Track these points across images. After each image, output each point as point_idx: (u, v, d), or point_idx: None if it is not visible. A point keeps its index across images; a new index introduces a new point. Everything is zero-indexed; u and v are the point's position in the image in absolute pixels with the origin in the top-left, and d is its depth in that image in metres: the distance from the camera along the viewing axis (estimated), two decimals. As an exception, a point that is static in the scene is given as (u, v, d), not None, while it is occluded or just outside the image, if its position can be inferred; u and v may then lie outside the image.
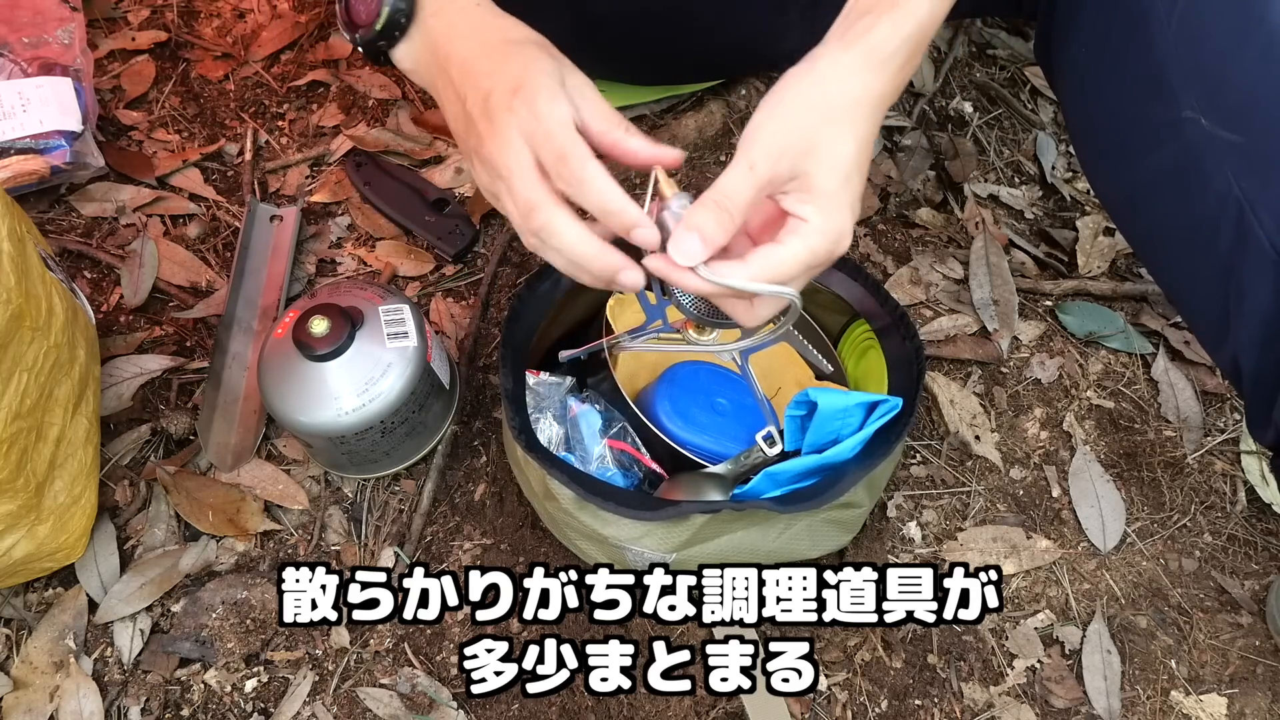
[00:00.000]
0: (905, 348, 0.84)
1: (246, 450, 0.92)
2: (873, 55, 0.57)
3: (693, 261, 0.56)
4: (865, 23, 0.57)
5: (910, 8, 0.57)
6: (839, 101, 0.56)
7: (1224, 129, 0.63)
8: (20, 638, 0.84)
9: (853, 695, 0.84)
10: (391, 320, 0.83)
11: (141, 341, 0.99)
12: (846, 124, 0.56)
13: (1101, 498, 0.94)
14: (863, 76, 0.57)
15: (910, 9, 0.57)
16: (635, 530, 0.75)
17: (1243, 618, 0.89)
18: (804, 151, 0.56)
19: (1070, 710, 0.84)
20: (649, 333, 0.80)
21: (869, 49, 0.57)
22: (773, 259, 0.57)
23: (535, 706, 0.82)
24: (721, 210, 0.56)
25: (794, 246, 0.56)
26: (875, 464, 0.76)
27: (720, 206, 0.56)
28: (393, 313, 0.84)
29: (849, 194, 0.57)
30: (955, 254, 1.10)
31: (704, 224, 0.56)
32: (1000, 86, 1.26)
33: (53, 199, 1.07)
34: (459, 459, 0.94)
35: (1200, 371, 1.02)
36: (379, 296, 0.85)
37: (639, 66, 1.10)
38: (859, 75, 0.57)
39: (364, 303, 0.84)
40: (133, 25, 1.23)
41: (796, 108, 0.56)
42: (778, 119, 0.56)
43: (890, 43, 0.57)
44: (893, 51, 0.57)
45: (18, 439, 0.72)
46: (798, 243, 0.56)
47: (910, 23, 0.57)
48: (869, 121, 0.58)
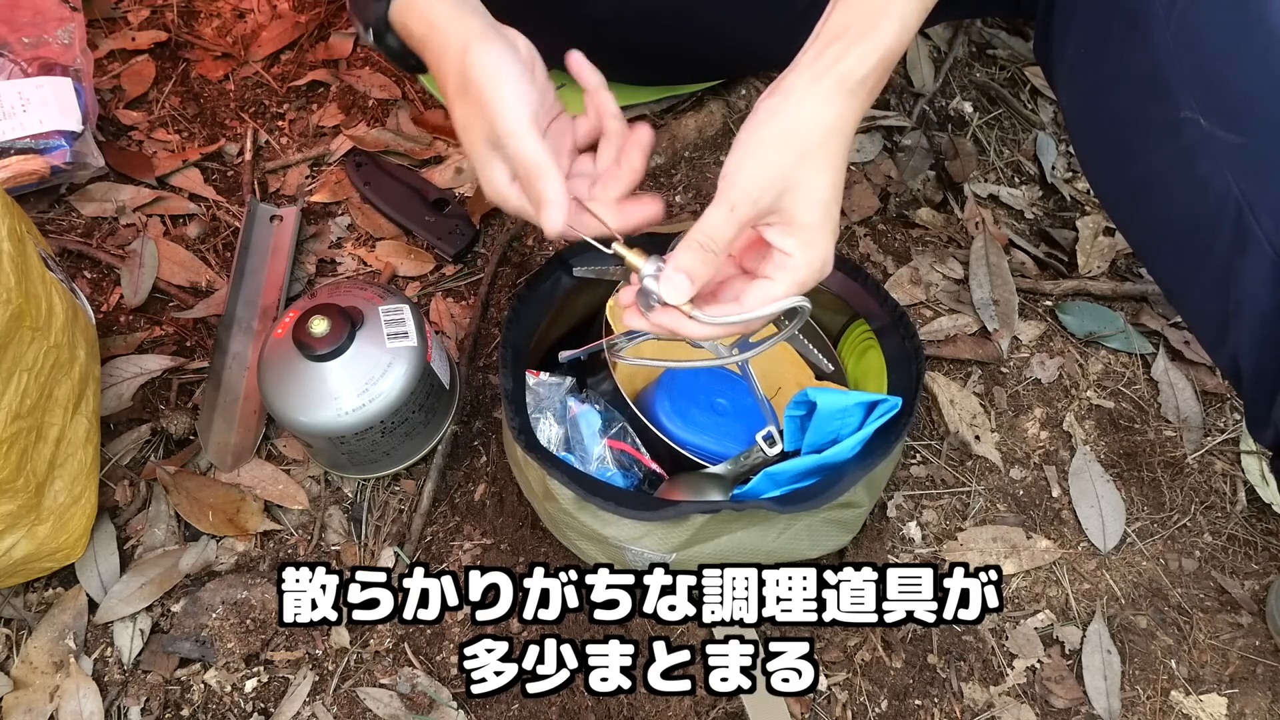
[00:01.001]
0: (905, 347, 0.84)
1: (246, 450, 0.93)
2: (843, 85, 0.58)
3: (681, 300, 0.59)
4: (835, 51, 0.58)
5: (878, 37, 0.58)
6: (814, 134, 0.58)
7: (1223, 129, 0.63)
8: (20, 638, 0.84)
9: (853, 695, 0.84)
10: (391, 320, 0.83)
11: (141, 341, 0.99)
12: (824, 155, 0.58)
13: (1101, 498, 0.94)
14: (836, 107, 0.58)
15: (878, 39, 0.58)
16: (635, 530, 0.75)
17: (1243, 618, 0.89)
18: (783, 189, 0.58)
19: (1070, 710, 0.84)
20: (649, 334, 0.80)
21: (839, 79, 0.58)
22: (766, 296, 0.60)
23: (535, 706, 0.82)
24: (705, 251, 0.59)
25: (783, 282, 0.60)
26: (875, 464, 0.76)
27: (704, 247, 0.59)
28: (393, 313, 0.84)
29: (829, 223, 0.59)
30: (955, 254, 1.10)
31: (689, 265, 0.59)
32: (1000, 86, 1.26)
33: (53, 199, 1.08)
34: (459, 459, 0.94)
35: (1200, 371, 1.02)
36: (379, 296, 0.85)
37: (639, 67, 1.10)
38: (832, 106, 0.58)
39: (364, 303, 0.84)
40: (133, 25, 1.23)
41: (773, 145, 0.58)
42: (756, 158, 0.58)
43: (859, 71, 0.58)
44: (862, 79, 0.58)
45: (18, 439, 0.72)
46: (785, 277, 0.60)
47: (879, 51, 0.58)
48: (843, 149, 0.59)
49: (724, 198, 0.58)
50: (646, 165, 0.66)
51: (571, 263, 0.85)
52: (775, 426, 0.81)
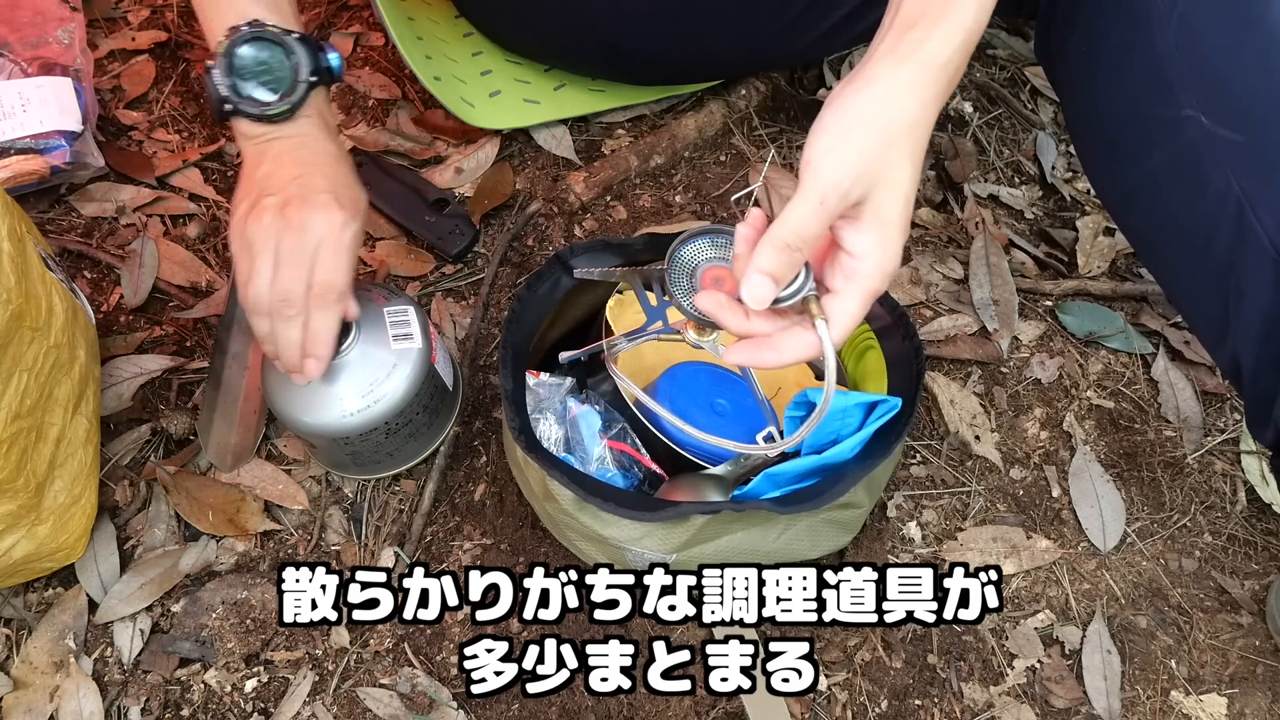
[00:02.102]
0: (905, 347, 0.84)
1: (246, 450, 0.92)
2: (927, 71, 0.55)
3: (763, 306, 0.55)
4: (915, 35, 0.55)
5: (958, 17, 0.55)
6: (900, 123, 0.54)
7: (1224, 128, 0.63)
8: (20, 638, 0.84)
9: (853, 695, 0.84)
10: (396, 322, 0.83)
11: (141, 341, 0.99)
12: (908, 145, 0.55)
13: (1101, 498, 0.94)
14: (919, 94, 0.55)
15: (958, 18, 0.55)
16: (635, 531, 0.75)
17: (1243, 618, 0.89)
18: (871, 180, 0.54)
19: (1070, 710, 0.84)
20: (649, 334, 0.80)
21: (923, 64, 0.55)
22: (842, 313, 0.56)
23: (535, 706, 0.82)
24: (793, 251, 0.55)
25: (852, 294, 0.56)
26: (875, 464, 0.76)
27: (790, 247, 0.54)
28: (398, 314, 0.83)
29: (906, 221, 0.56)
30: (955, 254, 1.10)
31: (774, 267, 0.55)
32: (1000, 86, 1.26)
33: (53, 199, 1.08)
34: (459, 459, 0.94)
35: (1200, 371, 1.02)
36: (383, 298, 0.85)
37: (639, 66, 1.10)
38: (915, 94, 0.55)
39: (368, 303, 0.84)
40: (133, 25, 1.23)
41: (862, 132, 0.54)
42: (845, 145, 0.54)
43: (942, 55, 0.55)
44: (945, 63, 0.55)
45: (18, 439, 0.72)
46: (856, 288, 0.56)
47: (961, 33, 0.55)
48: (925, 139, 0.56)
49: (811, 190, 0.53)
50: None
51: (571, 263, 0.85)
52: (775, 427, 0.81)
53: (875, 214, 0.55)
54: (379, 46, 1.23)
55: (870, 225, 0.55)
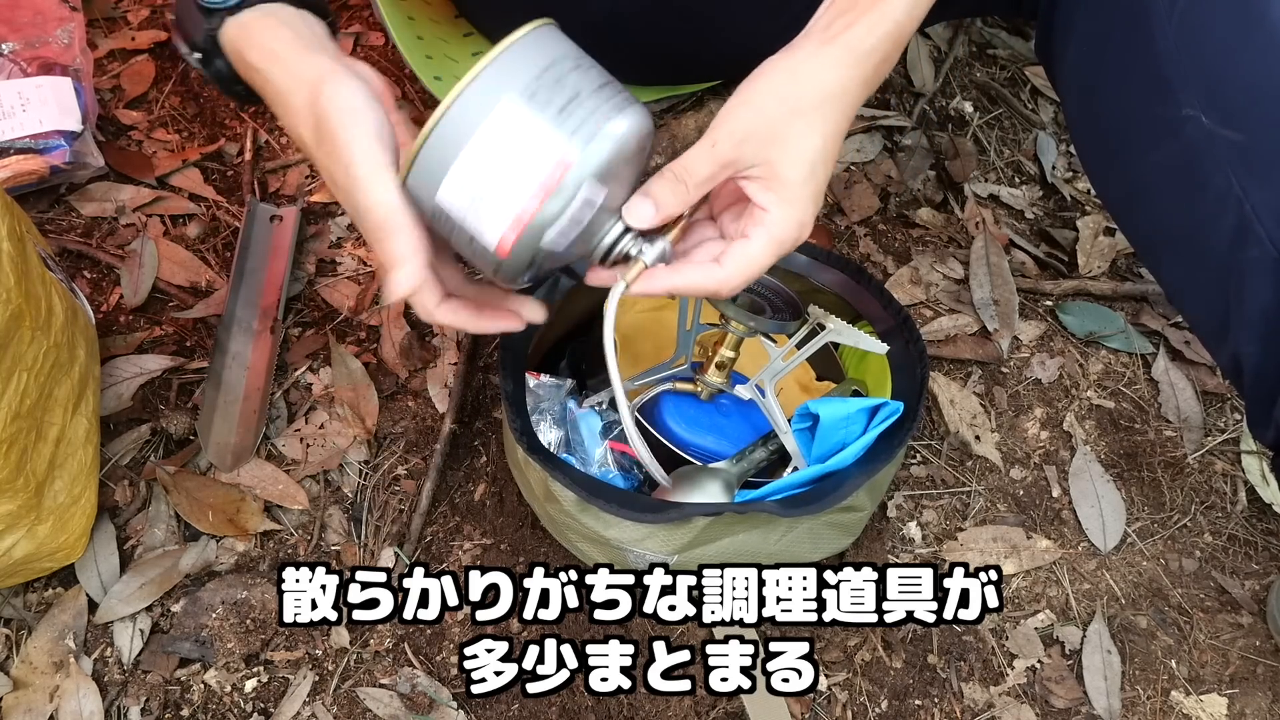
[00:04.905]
0: (908, 351, 0.84)
1: (246, 450, 0.92)
2: (850, 52, 0.58)
3: (644, 225, 0.60)
4: (844, 21, 0.59)
5: (887, 9, 0.59)
6: (812, 94, 0.58)
7: (1224, 127, 0.63)
8: (20, 638, 0.84)
9: (853, 695, 0.84)
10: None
11: (141, 341, 0.99)
12: (817, 117, 0.58)
13: (1102, 498, 0.94)
14: (838, 71, 0.59)
15: (887, 11, 0.59)
16: (638, 533, 0.75)
17: (1243, 618, 0.89)
18: (769, 139, 0.58)
19: (1070, 710, 0.84)
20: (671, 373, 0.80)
21: (846, 45, 0.58)
22: (744, 254, 0.60)
23: (535, 706, 0.82)
24: (679, 183, 0.59)
25: (760, 239, 0.59)
26: (878, 469, 0.76)
27: (678, 179, 0.59)
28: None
29: (813, 186, 0.59)
30: (955, 254, 1.10)
31: (659, 193, 0.59)
32: (1000, 86, 1.26)
33: (53, 199, 1.07)
34: (459, 459, 0.94)
35: (1200, 371, 1.02)
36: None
37: (639, 67, 1.10)
38: (835, 70, 0.59)
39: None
40: (133, 25, 1.23)
41: (768, 97, 0.58)
42: (748, 105, 0.58)
43: (866, 40, 0.58)
44: (869, 49, 0.59)
45: (18, 439, 0.72)
46: (763, 234, 0.59)
47: (887, 23, 0.59)
48: (841, 116, 0.59)
49: (708, 135, 0.58)
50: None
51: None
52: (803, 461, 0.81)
53: (775, 174, 0.58)
54: (379, 46, 1.23)
55: (773, 184, 0.59)
